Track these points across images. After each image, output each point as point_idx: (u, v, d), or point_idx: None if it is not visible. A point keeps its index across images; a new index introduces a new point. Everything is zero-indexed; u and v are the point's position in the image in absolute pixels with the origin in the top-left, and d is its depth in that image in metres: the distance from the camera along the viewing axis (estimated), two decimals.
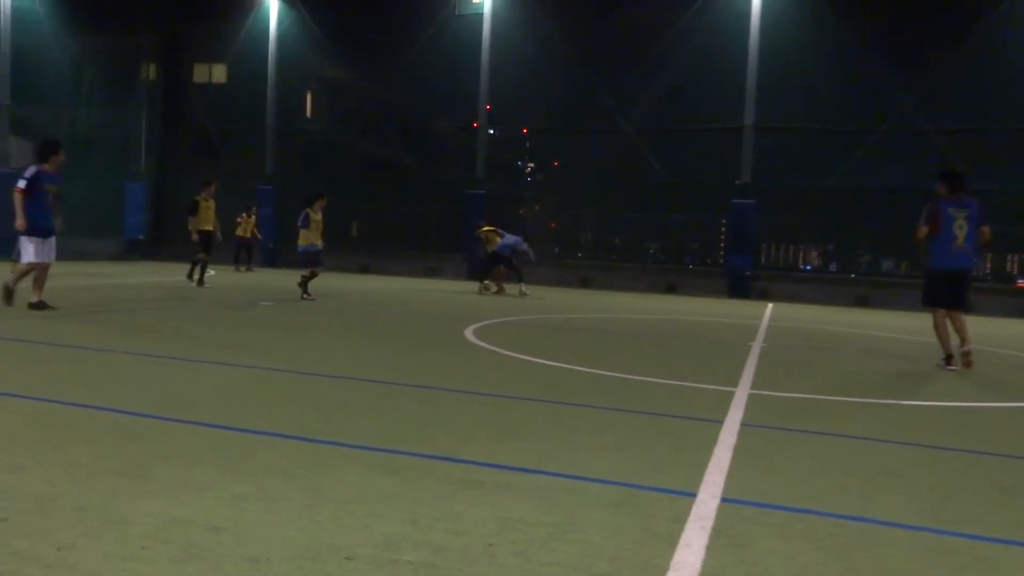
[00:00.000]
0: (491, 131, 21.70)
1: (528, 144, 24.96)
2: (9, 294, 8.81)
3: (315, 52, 22.92)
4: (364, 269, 21.23)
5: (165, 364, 5.96)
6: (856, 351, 9.24)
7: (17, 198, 8.51)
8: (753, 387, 5.93)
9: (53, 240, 8.87)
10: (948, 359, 7.48)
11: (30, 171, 8.73)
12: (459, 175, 21.75)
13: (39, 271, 8.77)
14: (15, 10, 20.52)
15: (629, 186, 21.32)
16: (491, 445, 3.93)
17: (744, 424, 4.62)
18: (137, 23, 23.60)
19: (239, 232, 19.15)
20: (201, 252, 13.41)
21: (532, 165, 26.07)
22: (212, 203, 13.58)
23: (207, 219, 13.49)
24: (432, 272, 21.02)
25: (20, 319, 8.14)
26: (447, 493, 3.16)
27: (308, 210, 11.84)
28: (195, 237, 13.46)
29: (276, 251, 22.02)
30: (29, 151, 22.22)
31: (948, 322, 7.51)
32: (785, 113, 19.07)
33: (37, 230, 8.63)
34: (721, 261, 20.60)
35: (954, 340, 7.52)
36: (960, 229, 7.29)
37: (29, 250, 8.65)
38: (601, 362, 6.93)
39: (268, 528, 2.71)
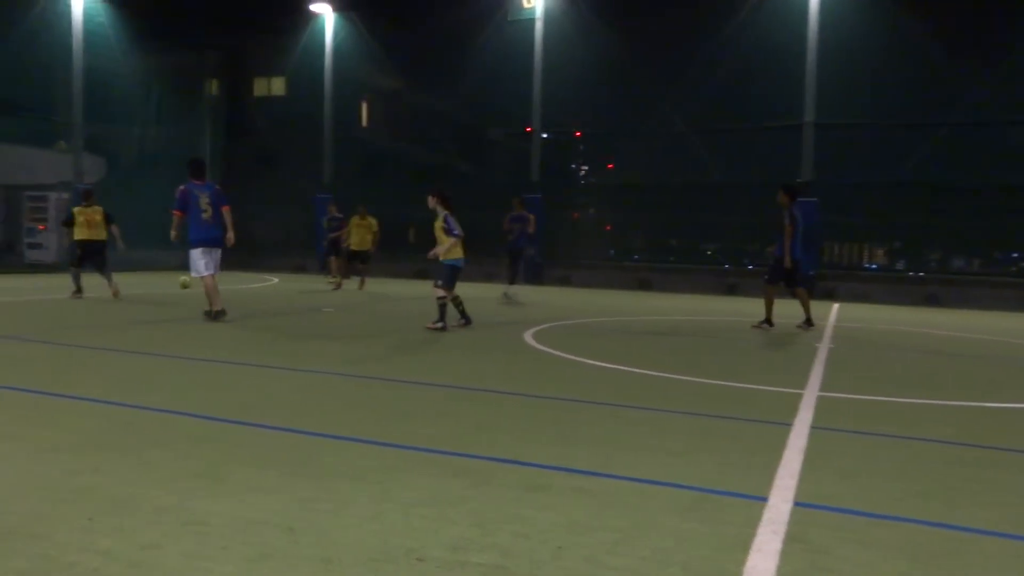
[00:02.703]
0: (544, 135, 21.69)
1: (582, 147, 24.86)
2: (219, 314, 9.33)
3: (369, 63, 23.29)
4: (421, 275, 21.44)
5: (231, 369, 6.11)
6: (928, 352, 8.92)
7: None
8: (821, 389, 5.78)
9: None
10: None
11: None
12: (513, 180, 21.79)
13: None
14: (87, 33, 21.41)
15: (686, 187, 21.03)
16: (556, 448, 3.92)
17: (814, 427, 4.50)
18: (200, 41, 24.35)
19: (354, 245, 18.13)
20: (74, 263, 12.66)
21: (586, 168, 25.96)
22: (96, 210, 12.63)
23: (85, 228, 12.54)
24: (489, 277, 21.10)
25: (95, 329, 8.46)
26: (513, 496, 3.16)
27: (449, 213, 8.99)
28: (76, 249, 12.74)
29: None
30: (102, 167, 23.18)
31: None
32: (847, 109, 18.55)
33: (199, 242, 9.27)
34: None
35: None
36: None
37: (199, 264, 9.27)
38: (663, 364, 6.84)
39: (339, 529, 2.76)
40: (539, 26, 20.99)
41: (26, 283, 13.20)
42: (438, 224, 8.91)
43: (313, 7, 23.49)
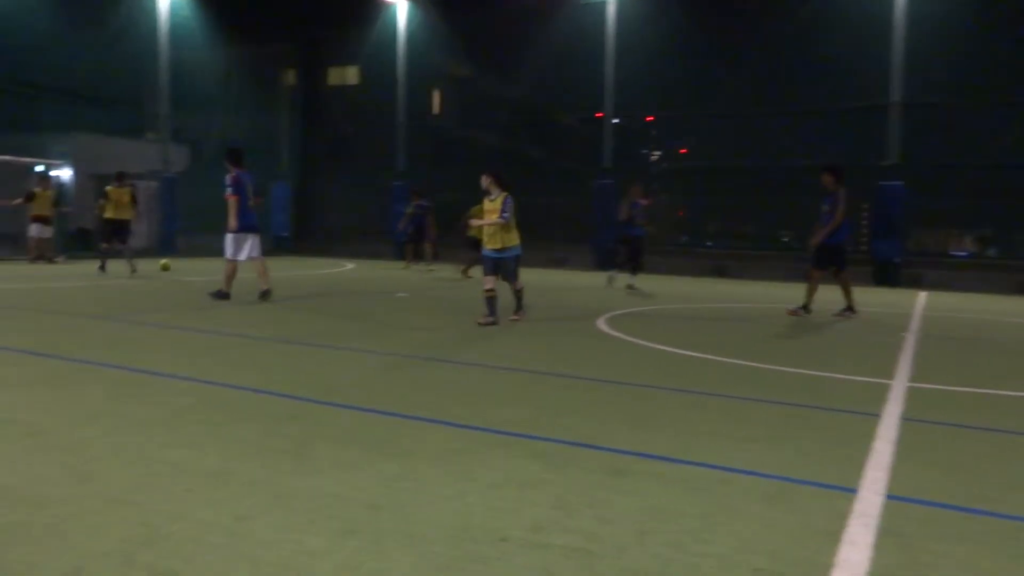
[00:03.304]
0: (615, 120, 21.43)
1: (653, 132, 24.46)
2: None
3: (441, 50, 23.43)
4: None
5: (311, 351, 6.27)
6: (1020, 341, 8.47)
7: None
8: (911, 379, 5.55)
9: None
10: None
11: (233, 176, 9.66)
12: (585, 166, 21.63)
13: (232, 267, 9.78)
14: (172, 27, 22.23)
15: (761, 171, 20.46)
16: (634, 434, 3.88)
17: (905, 418, 4.33)
18: (277, 32, 24.96)
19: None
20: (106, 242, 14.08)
21: (658, 153, 25.53)
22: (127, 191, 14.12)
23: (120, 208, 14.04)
24: (559, 263, 21.06)
25: (187, 312, 8.82)
26: (593, 480, 3.14)
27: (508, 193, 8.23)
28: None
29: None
30: (186, 157, 24.08)
31: None
32: (936, 88, 17.67)
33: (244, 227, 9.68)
34: (864, 248, 19.41)
35: None
36: None
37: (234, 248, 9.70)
38: (740, 352, 6.69)
39: (422, 508, 2.80)
40: (611, 9, 20.71)
41: (115, 267, 13.89)
42: (495, 205, 8.10)
43: None
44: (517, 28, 21.80)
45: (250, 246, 9.79)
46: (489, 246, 8.14)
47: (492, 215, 8.08)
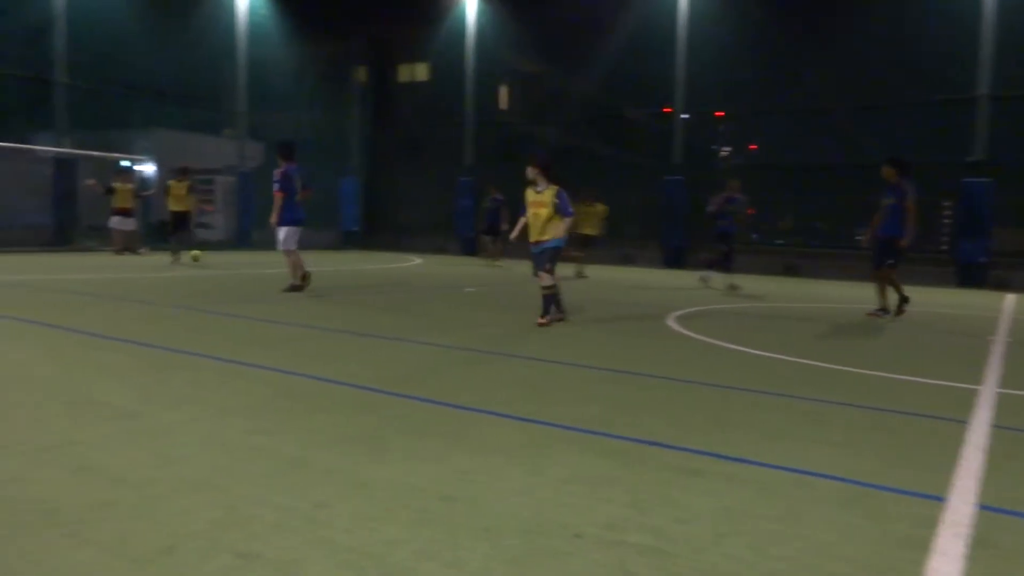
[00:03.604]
0: (684, 115, 21.10)
1: (722, 127, 23.97)
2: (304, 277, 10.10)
3: (510, 46, 23.48)
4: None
5: (383, 344, 6.38)
6: None
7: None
8: (1001, 385, 5.30)
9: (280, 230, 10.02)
10: None
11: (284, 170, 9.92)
12: (653, 162, 21.36)
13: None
14: (250, 26, 22.91)
15: (835, 168, 19.82)
16: (707, 434, 3.82)
17: (996, 426, 4.13)
18: (350, 30, 25.43)
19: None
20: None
21: (728, 149, 25.02)
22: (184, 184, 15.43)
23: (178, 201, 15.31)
24: (627, 260, 20.88)
25: (260, 303, 9.08)
26: (667, 480, 3.11)
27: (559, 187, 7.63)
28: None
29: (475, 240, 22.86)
30: (261, 152, 24.78)
31: None
32: None
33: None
34: (944, 247, 18.61)
35: None
36: None
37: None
38: (816, 352, 6.51)
39: (495, 501, 2.81)
40: (683, 3, 20.38)
41: (187, 258, 14.49)
42: (542, 198, 7.53)
43: None
44: (586, 23, 21.66)
45: (298, 236, 10.05)
46: (533, 239, 7.65)
47: (539, 208, 7.56)
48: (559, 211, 7.51)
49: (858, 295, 12.96)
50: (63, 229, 18.81)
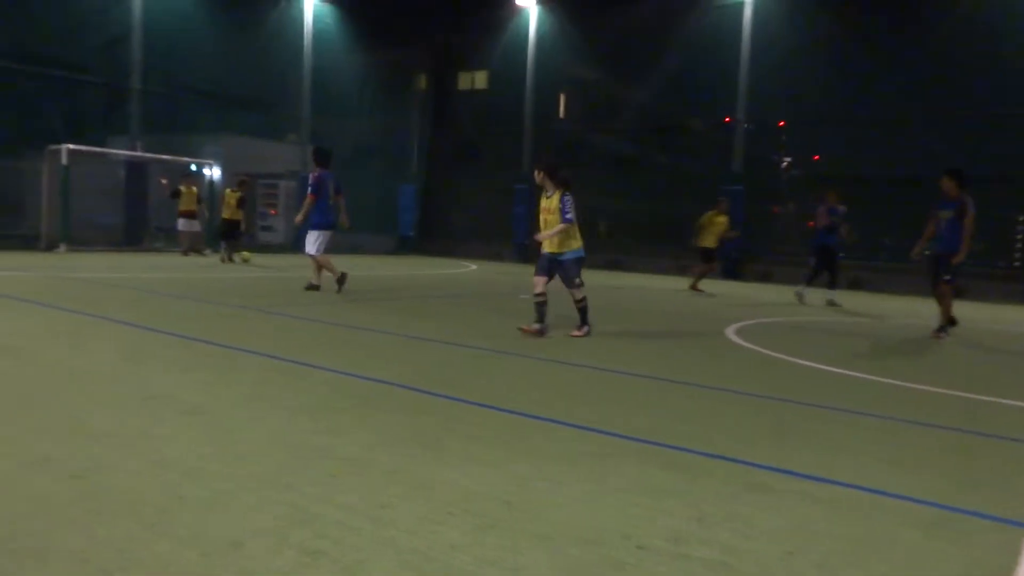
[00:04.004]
0: (745, 126, 20.76)
1: (784, 137, 23.49)
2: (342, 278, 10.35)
3: (570, 54, 23.48)
4: (613, 265, 21.39)
5: (439, 348, 6.41)
6: None
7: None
8: None
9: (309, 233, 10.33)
10: None
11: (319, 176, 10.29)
12: (712, 171, 21.06)
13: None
14: (315, 34, 23.45)
15: (903, 181, 19.20)
16: (773, 449, 3.72)
17: None
18: (411, 37, 25.79)
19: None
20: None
21: (788, 159, 24.50)
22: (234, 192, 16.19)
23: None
24: (684, 270, 20.60)
25: (318, 304, 9.25)
26: (732, 494, 3.03)
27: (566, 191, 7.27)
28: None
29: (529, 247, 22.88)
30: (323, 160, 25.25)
31: None
32: None
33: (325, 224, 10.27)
34: (1017, 264, 17.87)
35: None
36: None
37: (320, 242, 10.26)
38: (885, 369, 6.30)
39: (556, 509, 2.79)
40: (748, 11, 20.08)
41: (259, 261, 14.84)
42: (550, 203, 7.24)
43: (519, 1, 24.06)
44: (649, 31, 21.53)
45: (324, 240, 10.24)
46: (547, 249, 7.37)
47: (548, 215, 7.25)
48: (561, 215, 7.13)
49: (925, 311, 12.52)
50: (134, 230, 19.49)
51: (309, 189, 10.20)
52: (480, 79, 27.89)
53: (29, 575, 2.11)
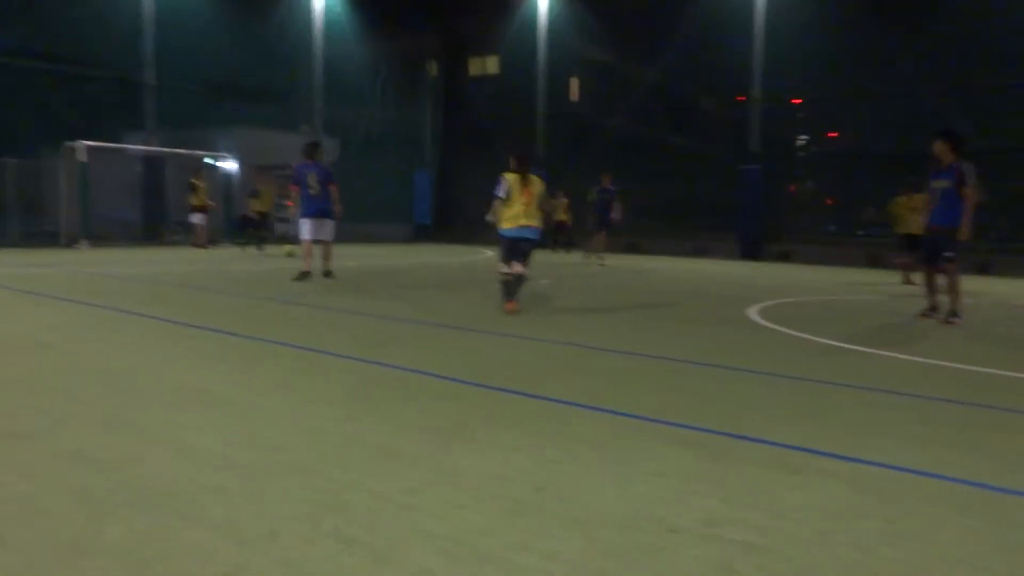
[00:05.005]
0: (763, 102, 20.53)
1: (800, 115, 23.21)
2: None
3: (581, 36, 23.29)
4: (631, 248, 21.30)
5: (461, 335, 6.42)
6: None
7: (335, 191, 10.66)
8: None
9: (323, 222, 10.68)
10: None
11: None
12: (728, 151, 20.88)
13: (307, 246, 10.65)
14: (326, 24, 23.43)
15: (925, 155, 18.93)
16: (801, 429, 3.70)
17: None
18: (422, 24, 25.69)
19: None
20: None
21: (806, 137, 24.23)
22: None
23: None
24: (701, 252, 20.51)
25: (336, 294, 9.28)
26: (762, 475, 3.02)
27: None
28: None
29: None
30: (337, 147, 25.33)
31: None
32: None
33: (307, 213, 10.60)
34: None
35: None
36: None
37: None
38: (911, 346, 6.24)
39: (586, 493, 2.78)
40: None
41: (276, 252, 14.92)
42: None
43: None
44: (659, 9, 21.30)
45: (312, 228, 10.56)
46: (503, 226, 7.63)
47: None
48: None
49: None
50: (152, 224, 19.64)
51: (291, 180, 10.83)
52: (491, 64, 27.75)
53: (73, 568, 2.14)
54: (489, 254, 19.27)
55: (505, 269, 7.49)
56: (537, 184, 7.65)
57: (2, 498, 2.60)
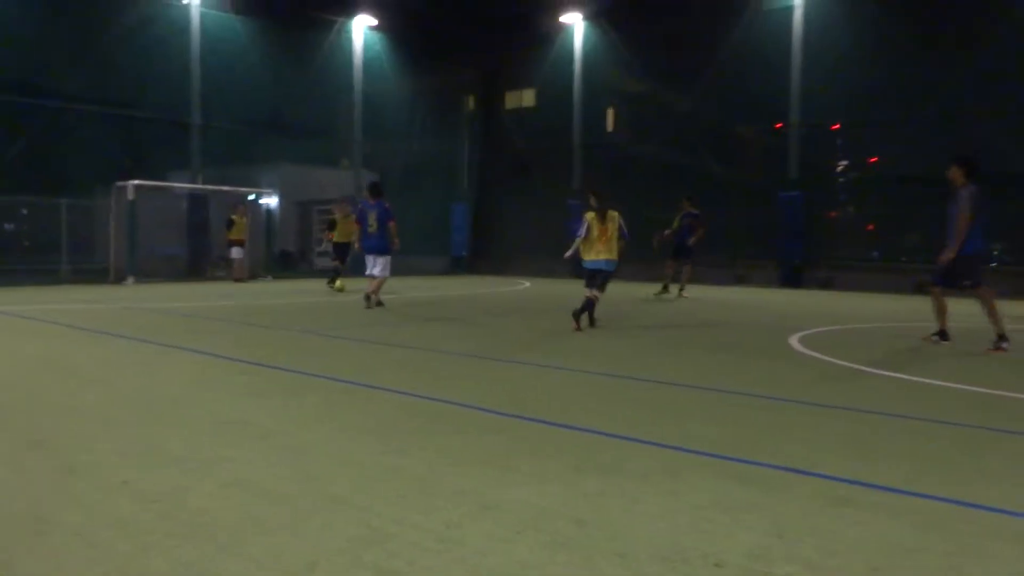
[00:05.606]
0: (801, 129, 20.35)
1: (839, 141, 22.94)
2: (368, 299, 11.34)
3: (617, 67, 23.41)
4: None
5: (502, 366, 6.41)
6: None
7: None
8: None
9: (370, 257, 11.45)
10: None
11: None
12: (767, 178, 20.69)
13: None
14: (365, 61, 23.94)
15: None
16: (851, 461, 3.59)
17: None
18: (458, 59, 26.11)
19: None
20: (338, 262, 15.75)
21: (845, 163, 23.92)
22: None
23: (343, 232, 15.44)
24: (741, 280, 20.26)
25: (380, 327, 9.35)
26: (812, 508, 2.93)
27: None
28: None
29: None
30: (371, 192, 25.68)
31: None
32: None
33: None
34: None
35: None
36: None
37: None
38: (959, 376, 6.05)
39: (631, 526, 2.73)
40: (798, 14, 19.74)
41: (315, 286, 15.10)
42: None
43: (563, 18, 24.15)
44: (696, 39, 21.35)
45: (370, 264, 11.41)
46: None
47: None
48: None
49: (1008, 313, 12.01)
50: (196, 260, 20.09)
51: (353, 217, 11.73)
52: (528, 97, 28.03)
53: None
54: (527, 284, 19.29)
55: (587, 293, 8.90)
56: (614, 219, 8.79)
57: (50, 529, 2.65)
